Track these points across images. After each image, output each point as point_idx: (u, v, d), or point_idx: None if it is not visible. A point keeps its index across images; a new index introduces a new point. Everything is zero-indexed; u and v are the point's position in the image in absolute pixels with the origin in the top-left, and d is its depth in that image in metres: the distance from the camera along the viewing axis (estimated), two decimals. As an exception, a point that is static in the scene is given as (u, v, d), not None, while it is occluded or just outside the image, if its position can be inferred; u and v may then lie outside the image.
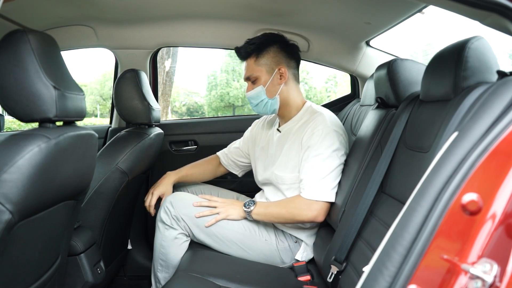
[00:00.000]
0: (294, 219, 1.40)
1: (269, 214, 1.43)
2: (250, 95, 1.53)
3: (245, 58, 1.53)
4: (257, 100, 1.52)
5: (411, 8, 1.45)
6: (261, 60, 1.50)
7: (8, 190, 0.77)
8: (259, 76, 1.50)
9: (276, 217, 1.43)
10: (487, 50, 0.86)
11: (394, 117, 1.21)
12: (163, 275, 1.49)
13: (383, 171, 1.10)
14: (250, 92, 1.53)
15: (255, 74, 1.50)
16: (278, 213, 1.41)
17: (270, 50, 1.50)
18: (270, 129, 1.66)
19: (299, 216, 1.38)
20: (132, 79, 1.62)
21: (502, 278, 0.48)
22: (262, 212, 1.44)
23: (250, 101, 1.55)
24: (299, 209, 1.38)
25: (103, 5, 1.63)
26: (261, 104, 1.52)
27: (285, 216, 1.40)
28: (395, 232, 0.64)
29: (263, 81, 1.50)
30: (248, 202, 1.47)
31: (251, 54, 1.51)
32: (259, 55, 1.50)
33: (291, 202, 1.41)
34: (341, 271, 1.13)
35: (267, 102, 1.51)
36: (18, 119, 0.88)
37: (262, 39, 1.52)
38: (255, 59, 1.50)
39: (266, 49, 1.50)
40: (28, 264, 0.94)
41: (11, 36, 0.86)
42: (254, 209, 1.44)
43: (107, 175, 1.44)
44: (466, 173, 0.60)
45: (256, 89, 1.51)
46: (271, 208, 1.44)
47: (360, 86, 2.18)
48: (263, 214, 1.44)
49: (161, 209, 1.47)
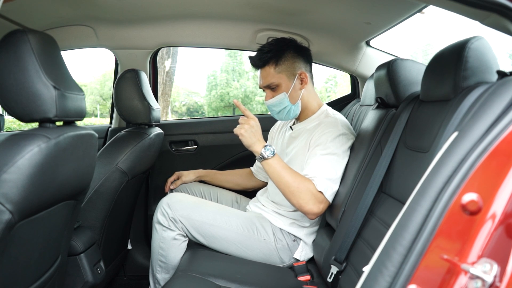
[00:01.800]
0: (296, 200, 1.32)
1: (282, 174, 1.33)
2: (272, 103, 1.49)
3: (263, 66, 1.48)
4: (279, 108, 1.49)
5: (411, 8, 1.45)
6: (281, 67, 1.47)
7: (8, 190, 0.77)
8: (280, 83, 1.47)
9: (284, 182, 1.33)
10: (487, 50, 0.86)
11: (394, 117, 1.21)
12: (163, 276, 1.49)
13: (383, 171, 1.10)
14: (271, 100, 1.48)
15: (276, 82, 1.46)
16: (290, 182, 1.32)
17: (288, 56, 1.48)
18: (285, 127, 1.68)
19: (304, 200, 1.31)
20: (132, 79, 1.62)
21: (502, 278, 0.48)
22: (277, 167, 1.34)
23: (271, 109, 1.51)
24: (307, 195, 1.31)
25: (103, 5, 1.63)
26: (284, 111, 1.49)
27: (292, 190, 1.32)
28: (395, 232, 0.64)
29: (285, 87, 1.47)
30: (268, 147, 1.35)
31: (269, 61, 1.46)
32: (278, 62, 1.46)
33: (306, 182, 1.33)
34: (341, 271, 1.13)
35: (290, 108, 1.49)
36: (18, 119, 0.88)
37: (277, 45, 1.48)
38: (274, 66, 1.46)
39: (284, 55, 1.47)
40: (28, 264, 0.94)
41: (11, 36, 0.86)
42: (270, 159, 1.34)
43: (107, 175, 1.44)
44: (466, 173, 0.60)
45: (278, 96, 1.47)
46: (285, 171, 1.34)
47: (360, 86, 2.18)
48: (275, 169, 1.34)
49: (158, 211, 1.47)
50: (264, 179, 1.83)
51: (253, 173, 1.85)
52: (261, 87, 1.52)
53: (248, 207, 1.67)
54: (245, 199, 1.79)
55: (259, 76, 1.52)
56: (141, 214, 2.07)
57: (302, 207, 1.33)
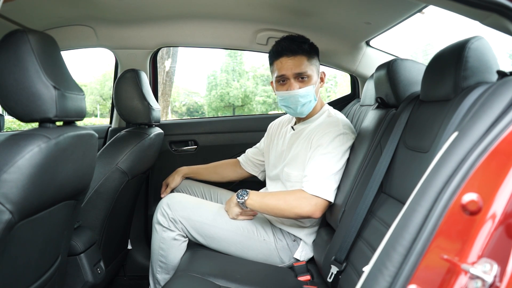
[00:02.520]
0: (291, 211, 1.36)
1: (265, 204, 1.39)
2: (300, 93, 1.44)
3: (296, 53, 1.44)
4: (306, 99, 1.45)
5: (411, 8, 1.45)
6: (312, 60, 1.47)
7: (8, 190, 0.77)
8: (311, 74, 1.45)
9: (272, 208, 1.38)
10: (487, 50, 0.86)
11: (394, 117, 1.21)
12: (163, 276, 1.49)
13: (383, 171, 1.10)
14: (301, 90, 1.44)
15: (309, 72, 1.45)
16: (275, 204, 1.37)
17: (316, 53, 1.50)
18: (286, 126, 1.67)
19: (297, 208, 1.35)
20: (132, 79, 1.62)
21: (502, 278, 0.48)
22: (257, 201, 1.40)
23: (297, 100, 1.44)
24: (298, 201, 1.35)
25: (103, 5, 1.63)
26: (308, 104, 1.47)
27: (281, 208, 1.36)
28: (395, 232, 0.64)
29: (314, 81, 1.46)
30: (241, 193, 1.43)
31: (304, 51, 1.45)
32: (311, 54, 1.46)
33: (291, 195, 1.38)
34: (341, 271, 1.13)
35: (312, 102, 1.48)
36: (18, 119, 0.88)
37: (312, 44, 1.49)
38: (307, 57, 1.45)
39: (313, 51, 1.48)
40: (28, 264, 0.94)
41: (11, 36, 0.86)
42: (248, 199, 1.41)
43: (107, 175, 1.44)
44: (466, 173, 0.60)
45: (309, 87, 1.45)
46: (267, 198, 1.40)
47: (360, 86, 2.18)
48: (259, 203, 1.40)
49: (158, 211, 1.47)
50: (252, 171, 1.83)
51: (241, 163, 1.85)
52: (286, 77, 1.45)
53: (248, 207, 1.67)
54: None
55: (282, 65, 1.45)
56: (141, 214, 2.07)
57: (300, 214, 1.36)
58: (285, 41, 1.46)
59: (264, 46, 2.00)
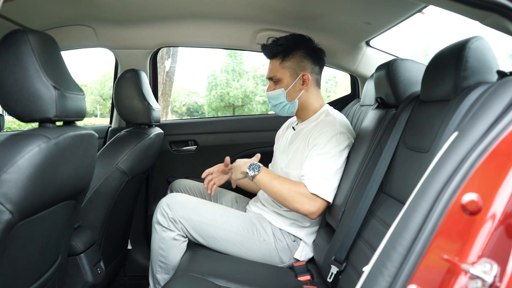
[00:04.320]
0: (291, 204, 1.37)
1: (272, 185, 1.39)
2: (270, 95, 1.55)
3: (271, 57, 1.53)
4: (276, 101, 1.54)
5: (411, 8, 1.45)
6: (286, 63, 1.50)
7: (8, 190, 0.77)
8: (282, 78, 1.50)
9: (275, 192, 1.39)
10: (487, 50, 0.86)
11: (394, 117, 1.21)
12: (163, 276, 1.49)
13: (383, 171, 1.10)
14: (270, 92, 1.54)
15: (278, 76, 1.50)
16: (280, 190, 1.37)
17: (297, 54, 1.50)
18: (289, 128, 1.69)
19: (299, 203, 1.35)
20: (132, 79, 1.62)
21: (502, 278, 0.48)
22: (265, 181, 1.40)
23: (269, 101, 1.56)
24: (301, 197, 1.35)
25: (103, 5, 1.63)
26: (279, 106, 1.54)
27: (285, 197, 1.37)
28: (395, 232, 0.64)
29: (285, 84, 1.50)
30: (253, 166, 1.42)
31: (277, 55, 1.50)
32: (285, 58, 1.50)
33: (297, 187, 1.38)
34: (341, 271, 1.13)
35: (286, 105, 1.53)
36: (18, 119, 0.88)
37: (290, 42, 1.50)
38: (280, 60, 1.50)
39: (293, 52, 1.49)
40: (28, 264, 0.94)
41: (11, 36, 0.86)
42: (259, 175, 1.40)
43: (107, 175, 1.44)
44: (466, 173, 0.60)
45: (277, 90, 1.52)
46: (275, 181, 1.40)
47: (360, 86, 2.18)
48: (266, 183, 1.40)
49: (158, 211, 1.47)
50: None
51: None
52: (266, 77, 1.57)
53: (248, 207, 1.67)
54: (244, 199, 1.79)
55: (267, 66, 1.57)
56: (141, 214, 2.07)
57: (298, 210, 1.37)
58: (266, 45, 1.54)
59: (264, 46, 2.00)
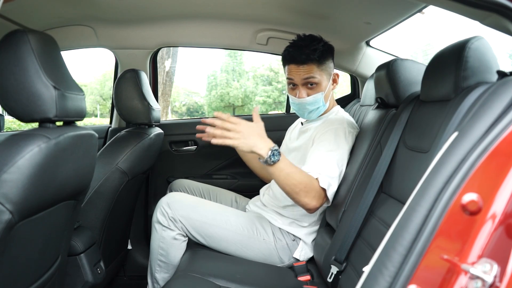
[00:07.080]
0: (302, 199, 1.24)
1: (289, 177, 1.22)
2: (308, 101, 1.43)
3: (305, 63, 1.41)
4: (313, 106, 1.45)
5: (411, 8, 1.45)
6: (322, 65, 1.43)
7: (8, 190, 0.77)
8: (320, 81, 1.43)
9: (290, 184, 1.22)
10: (487, 50, 0.86)
11: (394, 117, 1.21)
12: (162, 275, 1.49)
13: (383, 171, 1.10)
14: (309, 98, 1.42)
15: (318, 79, 1.42)
16: (298, 183, 1.23)
17: (327, 55, 1.45)
18: (298, 124, 1.68)
19: (309, 198, 1.25)
20: (132, 79, 1.62)
21: (502, 278, 0.48)
22: (284, 170, 1.22)
23: (305, 107, 1.45)
24: (313, 192, 1.25)
25: (103, 5, 1.63)
26: (316, 111, 1.46)
27: (297, 190, 1.23)
28: (395, 232, 0.64)
29: (324, 86, 1.44)
30: (274, 152, 1.19)
31: (314, 59, 1.40)
32: (321, 60, 1.42)
33: (310, 181, 1.26)
34: (341, 271, 1.13)
35: (320, 108, 1.47)
36: (18, 119, 0.88)
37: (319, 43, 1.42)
38: (317, 63, 1.41)
39: (325, 54, 1.43)
40: (28, 264, 0.94)
41: (11, 36, 0.86)
42: (279, 163, 1.20)
43: (107, 175, 1.44)
44: (466, 173, 0.60)
45: (317, 95, 1.43)
46: (293, 172, 1.23)
47: (360, 86, 2.18)
48: (284, 173, 1.22)
49: (158, 210, 1.47)
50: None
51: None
52: (295, 83, 1.44)
53: (248, 207, 1.68)
54: (244, 199, 1.79)
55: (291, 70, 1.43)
56: (141, 214, 2.07)
57: (306, 204, 1.27)
58: (294, 49, 1.42)
59: (264, 46, 2.00)
